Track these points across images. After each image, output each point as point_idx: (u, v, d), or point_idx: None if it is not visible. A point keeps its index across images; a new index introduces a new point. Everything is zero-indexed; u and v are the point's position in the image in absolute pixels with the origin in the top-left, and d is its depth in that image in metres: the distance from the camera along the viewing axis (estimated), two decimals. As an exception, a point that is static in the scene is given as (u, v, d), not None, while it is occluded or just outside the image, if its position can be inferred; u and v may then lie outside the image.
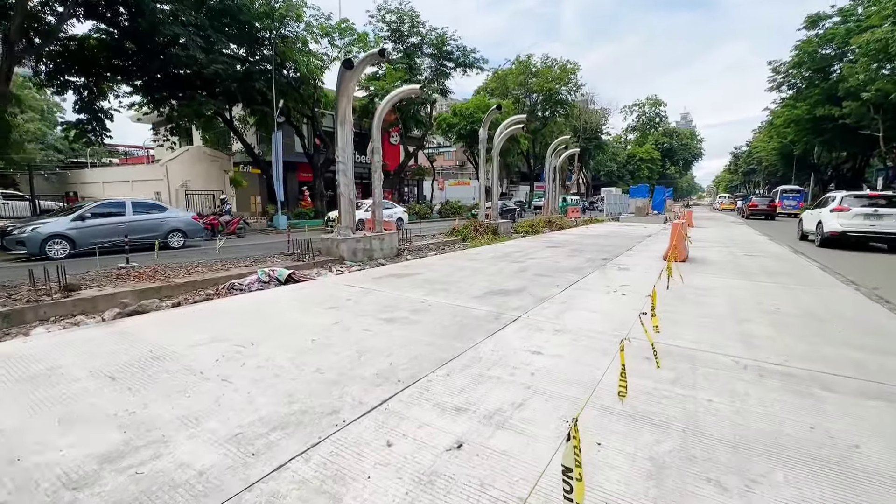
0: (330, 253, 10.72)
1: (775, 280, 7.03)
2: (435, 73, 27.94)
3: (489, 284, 6.42)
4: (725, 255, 10.14)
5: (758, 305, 5.32)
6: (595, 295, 5.81)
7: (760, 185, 70.40)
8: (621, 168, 69.43)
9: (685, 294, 5.86)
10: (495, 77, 41.93)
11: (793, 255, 10.32)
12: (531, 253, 10.13)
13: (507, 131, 17.90)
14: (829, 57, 30.00)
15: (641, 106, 76.90)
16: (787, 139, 37.85)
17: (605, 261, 8.89)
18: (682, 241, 8.73)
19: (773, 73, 34.04)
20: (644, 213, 29.95)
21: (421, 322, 4.47)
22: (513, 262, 8.67)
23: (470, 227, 16.27)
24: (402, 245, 13.05)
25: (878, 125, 24.94)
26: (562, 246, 11.69)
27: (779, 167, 53.49)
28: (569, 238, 14.30)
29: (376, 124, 11.74)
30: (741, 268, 8.23)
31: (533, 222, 20.67)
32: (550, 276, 7.15)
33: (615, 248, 11.30)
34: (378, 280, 6.80)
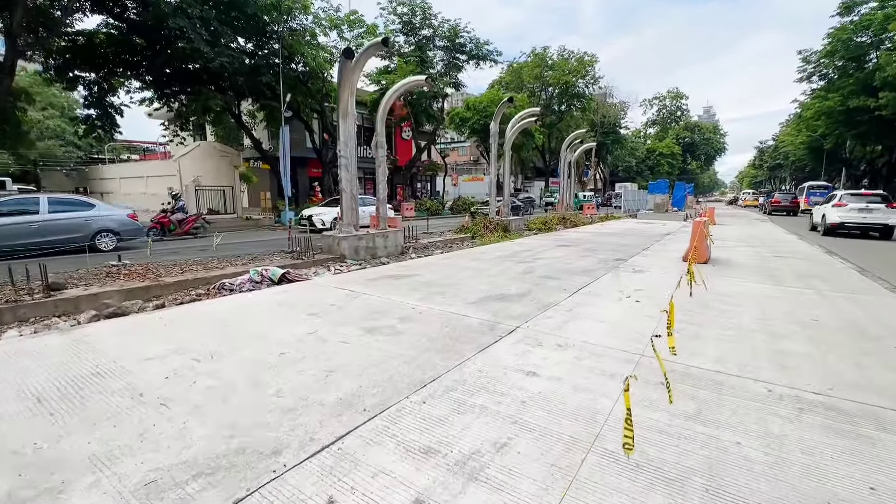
0: (331, 251, 10.36)
1: (809, 285, 6.34)
2: (447, 67, 27.34)
3: (490, 288, 5.92)
4: (751, 255, 9.40)
5: (791, 315, 4.70)
6: (605, 302, 5.25)
7: (787, 181, 67.70)
8: (640, 163, 67.60)
9: (708, 301, 5.26)
10: (510, 70, 41.07)
11: (826, 257, 9.51)
12: (540, 252, 9.57)
13: (519, 125, 17.27)
14: (865, 45, 28.27)
15: (662, 99, 74.74)
16: (818, 132, 36.02)
17: (619, 262, 8.28)
18: (704, 240, 8.07)
19: (804, 63, 32.34)
20: (663, 210, 28.89)
21: (406, 333, 4.02)
22: (520, 262, 8.14)
23: (479, 225, 15.75)
24: (407, 243, 12.63)
25: (918, 116, 23.35)
26: (574, 245, 11.09)
27: (807, 162, 51.17)
28: (582, 236, 13.65)
29: (380, 117, 11.31)
30: (770, 270, 7.54)
31: (546, 219, 20.02)
32: (558, 278, 6.60)
33: (631, 247, 10.65)
34: (372, 282, 6.37)
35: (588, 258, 8.70)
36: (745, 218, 25.06)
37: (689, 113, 77.89)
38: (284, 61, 16.64)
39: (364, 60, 10.54)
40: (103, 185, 30.85)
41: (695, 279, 5.27)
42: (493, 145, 17.07)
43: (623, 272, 7.21)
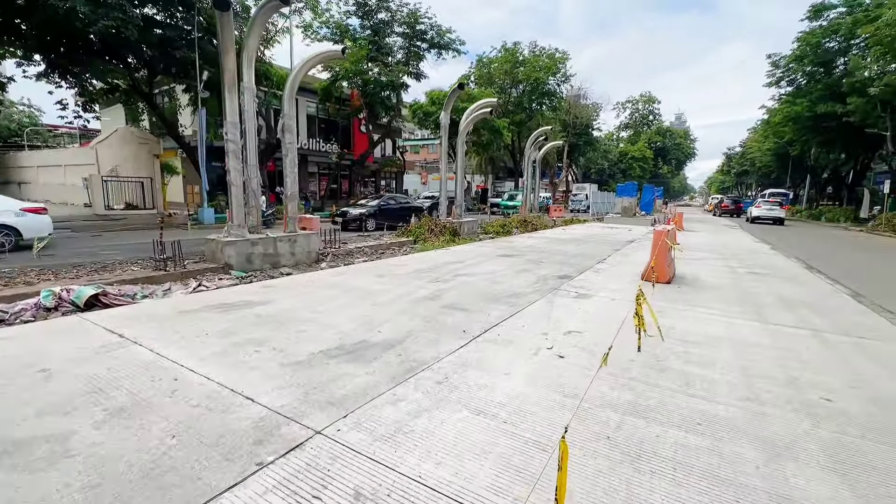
0: (214, 258, 8.26)
1: (802, 319, 4.72)
2: (407, 55, 25.34)
3: (355, 327, 4.01)
4: (723, 272, 7.84)
5: (791, 386, 2.99)
6: (513, 357, 3.43)
7: (753, 187, 68.78)
8: (613, 166, 67.32)
9: (665, 360, 3.50)
10: (479, 65, 39.39)
11: (808, 274, 8.05)
12: (472, 265, 7.75)
13: (474, 115, 15.48)
14: (834, 50, 27.89)
15: (635, 103, 74.84)
16: (785, 138, 35.83)
17: (563, 280, 6.53)
18: (666, 255, 6.39)
19: (773, 68, 31.87)
20: (631, 214, 27.76)
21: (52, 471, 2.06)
22: (434, 280, 6.27)
23: (424, 228, 13.86)
24: (327, 249, 10.62)
25: (885, 123, 22.90)
26: (519, 254, 9.33)
27: (773, 168, 51.69)
28: (536, 243, 11.94)
29: (288, 94, 9.25)
30: (747, 295, 5.92)
31: (505, 222, 18.36)
32: (467, 309, 4.75)
33: (585, 258, 8.97)
34: (188, 316, 4.35)
35: (526, 274, 6.92)
36: (713, 224, 24.10)
37: (662, 118, 78.47)
38: (204, 34, 14.30)
39: (261, 22, 8.47)
40: (21, 174, 27.41)
41: (644, 327, 3.50)
42: (443, 138, 15.22)
43: (562, 297, 5.44)
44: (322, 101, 24.30)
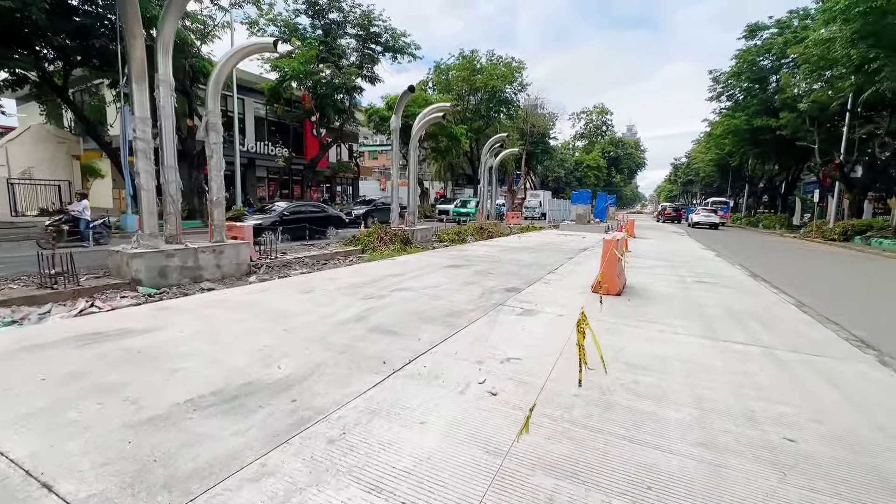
0: (119, 273, 7.19)
1: (752, 336, 4.45)
2: (361, 58, 24.56)
3: (248, 363, 3.29)
4: (673, 281, 7.68)
5: (750, 423, 2.59)
6: (437, 396, 2.85)
7: (697, 196, 72.75)
8: (569, 174, 69.12)
9: (611, 392, 3.04)
10: (437, 71, 39.18)
11: (752, 282, 8.05)
12: (416, 277, 7.15)
13: (426, 119, 14.97)
14: (767, 68, 29.81)
15: (589, 114, 77.46)
16: (725, 150, 37.95)
17: (510, 294, 6.06)
18: (616, 267, 6.07)
19: (714, 83, 33.68)
20: (585, 221, 28.22)
21: None
22: (367, 296, 5.61)
23: (373, 236, 13.12)
24: (263, 259, 9.69)
25: (813, 137, 24.54)
26: (469, 264, 8.84)
27: (715, 178, 54.84)
28: (489, 251, 11.53)
29: (212, 89, 8.32)
30: (696, 307, 5.68)
31: (460, 230, 17.92)
32: (395, 332, 4.14)
33: (537, 268, 8.60)
34: (17, 355, 3.45)
35: (472, 288, 6.40)
36: (662, 231, 24.85)
37: (614, 128, 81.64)
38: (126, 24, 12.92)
39: (178, 5, 7.53)
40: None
41: (586, 360, 3.03)
42: (394, 142, 14.60)
43: (506, 314, 4.94)
44: (269, 103, 23.05)
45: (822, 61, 18.10)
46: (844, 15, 14.14)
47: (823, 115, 23.74)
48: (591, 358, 3.27)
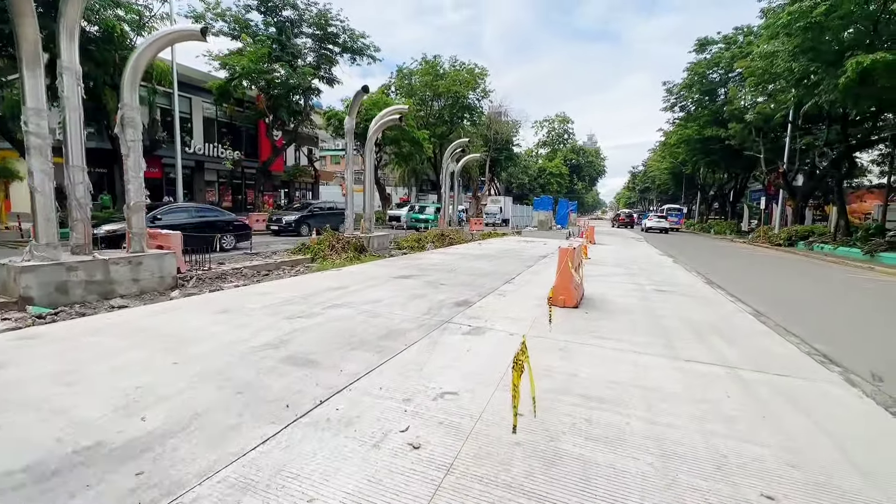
0: (5, 290, 6.13)
1: (712, 350, 4.11)
2: (318, 58, 23.65)
3: (103, 413, 2.56)
4: (631, 290, 7.40)
5: (720, 473, 2.14)
6: (342, 453, 2.23)
7: (654, 202, 75.65)
8: (532, 181, 70.15)
9: (559, 435, 2.53)
10: (400, 76, 38.65)
11: (707, 289, 7.92)
12: (358, 290, 6.49)
13: (382, 122, 14.35)
14: (716, 81, 31.19)
15: (551, 122, 79.17)
16: (679, 159, 39.46)
17: (460, 308, 5.52)
18: (572, 278, 5.65)
19: (668, 94, 34.96)
20: (547, 228, 28.35)
21: None
22: (294, 316, 4.91)
23: (325, 244, 12.31)
24: (194, 270, 8.72)
25: (759, 147, 25.74)
26: (422, 274, 8.26)
27: (670, 186, 57.11)
28: (446, 259, 11.01)
29: (129, 79, 7.32)
30: (656, 320, 5.35)
31: (420, 237, 17.36)
32: (315, 362, 3.49)
33: (494, 277, 8.13)
34: None
35: (419, 302, 5.81)
36: (621, 236, 25.26)
37: (576, 137, 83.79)
38: (47, 10, 11.61)
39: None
40: None
41: (518, 399, 2.52)
42: (348, 143, 13.88)
43: (451, 335, 4.38)
44: (218, 102, 21.69)
45: (766, 74, 18.90)
46: (787, 30, 14.72)
47: (768, 126, 24.97)
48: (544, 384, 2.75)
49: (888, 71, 12.05)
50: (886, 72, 12.05)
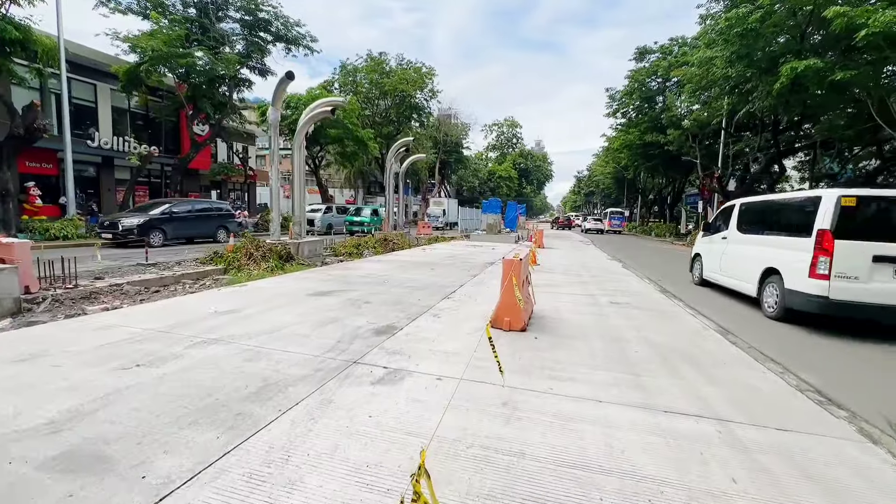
0: None
1: (690, 390, 3.21)
2: (248, 47, 21.51)
3: None
4: (585, 303, 6.56)
5: None
6: None
7: (598, 206, 78.48)
8: (483, 184, 70.28)
9: None
10: (344, 72, 36.81)
11: (664, 300, 7.27)
12: (257, 314, 5.10)
13: (313, 113, 12.83)
14: (654, 89, 32.25)
15: (500, 126, 79.96)
16: (622, 164, 40.68)
17: (380, 337, 4.31)
18: (515, 295, 4.61)
19: (610, 100, 35.79)
20: (496, 231, 27.79)
21: None
22: (131, 364, 3.47)
23: (241, 252, 10.61)
24: (51, 289, 6.85)
25: (696, 152, 26.69)
26: (347, 288, 6.95)
27: (613, 190, 59.22)
28: (381, 269, 9.75)
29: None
30: (616, 344, 4.44)
31: (360, 242, 15.94)
32: (107, 459, 2.15)
33: (431, 290, 6.99)
34: None
35: (329, 329, 4.53)
36: (569, 239, 25.16)
37: (524, 141, 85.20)
38: None
39: None
40: None
41: None
42: (272, 138, 12.23)
43: (355, 384, 3.17)
44: (125, 90, 18.98)
45: (703, 80, 19.34)
46: (724, 35, 14.91)
47: (703, 133, 25.94)
48: None
49: (818, 77, 12.33)
50: (816, 77, 12.33)
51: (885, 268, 5.20)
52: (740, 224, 7.72)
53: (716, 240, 8.53)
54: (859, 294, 5.25)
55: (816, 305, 5.43)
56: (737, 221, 7.82)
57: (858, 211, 5.37)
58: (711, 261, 8.60)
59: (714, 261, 8.42)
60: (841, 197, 5.42)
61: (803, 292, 5.59)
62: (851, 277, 5.28)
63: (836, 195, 5.48)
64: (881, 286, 5.19)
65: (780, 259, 6.21)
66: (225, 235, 16.36)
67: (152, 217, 14.24)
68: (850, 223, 5.35)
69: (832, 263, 5.33)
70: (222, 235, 16.42)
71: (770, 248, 6.58)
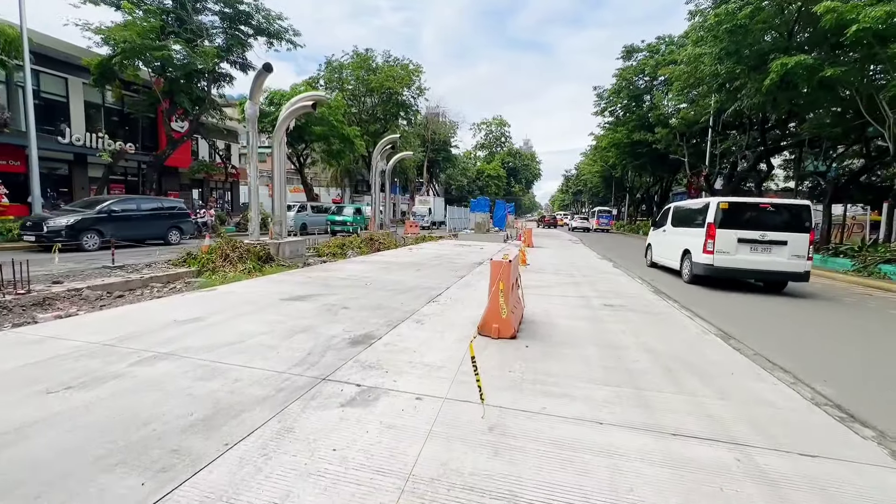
0: None
1: (698, 406, 2.86)
2: (229, 41, 20.79)
3: None
4: (577, 305, 6.22)
5: None
6: None
7: (586, 204, 78.84)
8: (472, 183, 70.00)
9: None
10: (329, 69, 36.08)
11: (658, 301, 6.98)
12: (223, 322, 4.63)
13: (294, 108, 12.28)
14: (642, 87, 32.25)
15: (489, 124, 79.76)
16: (609, 162, 40.71)
17: (356, 349, 3.90)
18: (505, 302, 4.24)
19: (598, 99, 35.74)
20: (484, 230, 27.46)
21: None
22: (54, 389, 3.00)
23: (216, 253, 10.07)
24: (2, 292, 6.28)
25: (683, 151, 26.70)
26: (325, 292, 6.50)
27: (601, 188, 59.40)
28: (365, 270, 9.31)
29: None
30: (614, 352, 4.10)
31: (345, 242, 15.47)
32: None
33: (415, 293, 6.59)
34: None
35: (301, 339, 4.10)
36: (558, 238, 24.95)
37: (512, 140, 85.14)
38: None
39: None
40: None
41: None
42: (251, 134, 11.68)
43: (322, 407, 2.75)
44: (97, 84, 18.16)
45: (691, 78, 19.24)
46: (713, 32, 14.76)
47: (691, 132, 25.96)
48: None
49: (807, 73, 12.22)
50: (805, 74, 12.22)
51: (745, 246, 8.28)
52: (672, 221, 10.57)
53: (659, 233, 11.40)
54: (730, 262, 8.30)
55: (708, 270, 8.50)
56: (671, 219, 10.67)
57: (730, 211, 8.37)
58: (657, 248, 11.53)
59: (658, 248, 11.39)
60: (720, 202, 8.53)
61: (701, 263, 8.61)
62: (726, 252, 8.30)
63: (717, 201, 8.62)
64: (743, 257, 8.27)
65: (690, 243, 9.13)
66: (178, 237, 15.25)
67: (87, 217, 12.42)
68: (725, 218, 8.34)
69: (715, 244, 8.33)
70: (175, 237, 15.16)
71: (686, 236, 9.44)
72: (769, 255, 8.17)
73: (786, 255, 8.10)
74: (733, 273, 8.36)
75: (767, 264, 8.16)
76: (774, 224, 8.21)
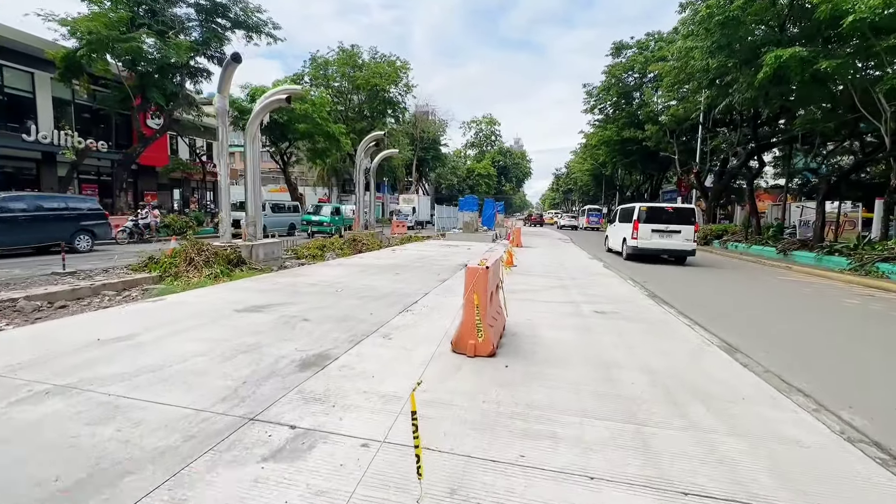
0: None
1: (708, 448, 2.31)
2: (205, 35, 19.94)
3: None
4: (566, 313, 5.66)
5: None
6: None
7: (576, 203, 78.74)
8: (461, 182, 69.43)
9: None
10: (314, 65, 35.24)
11: (654, 306, 6.47)
12: (155, 341, 3.98)
13: (268, 101, 11.59)
14: (631, 84, 31.92)
15: (479, 123, 79.23)
16: (599, 160, 40.41)
17: (306, 373, 3.28)
18: (483, 312, 3.66)
19: (588, 96, 35.35)
20: (473, 229, 26.90)
21: None
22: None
23: (181, 257, 9.36)
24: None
25: (673, 148, 26.40)
26: (291, 301, 5.86)
27: (591, 187, 59.22)
28: (338, 275, 8.67)
29: None
30: (607, 374, 3.54)
31: (325, 243, 14.84)
32: None
33: (389, 301, 5.98)
34: None
35: (241, 361, 3.47)
36: (547, 237, 24.48)
37: (503, 139, 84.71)
38: None
39: None
40: None
41: None
42: (221, 130, 10.99)
43: (233, 465, 2.14)
44: (64, 78, 17.20)
45: (681, 74, 18.86)
46: (704, 24, 14.34)
47: (681, 129, 25.65)
48: None
49: (801, 67, 11.82)
50: (799, 67, 11.82)
51: (656, 234, 12.42)
52: (618, 219, 14.76)
53: (612, 227, 15.80)
54: (647, 245, 12.54)
55: (636, 251, 12.71)
56: (618, 217, 14.98)
57: (648, 212, 12.62)
58: (611, 238, 15.82)
59: (611, 238, 15.71)
60: (641, 206, 12.81)
61: (632, 245, 12.71)
62: (644, 238, 12.45)
63: (639, 205, 12.94)
64: (656, 241, 12.47)
65: (626, 233, 13.11)
66: (90, 243, 12.95)
67: None
68: (646, 216, 12.53)
69: (638, 233, 12.46)
70: (84, 243, 12.74)
71: (624, 229, 13.40)
72: (671, 240, 12.41)
73: (681, 239, 12.36)
74: (650, 251, 12.70)
75: (670, 245, 12.48)
76: (674, 219, 12.42)
